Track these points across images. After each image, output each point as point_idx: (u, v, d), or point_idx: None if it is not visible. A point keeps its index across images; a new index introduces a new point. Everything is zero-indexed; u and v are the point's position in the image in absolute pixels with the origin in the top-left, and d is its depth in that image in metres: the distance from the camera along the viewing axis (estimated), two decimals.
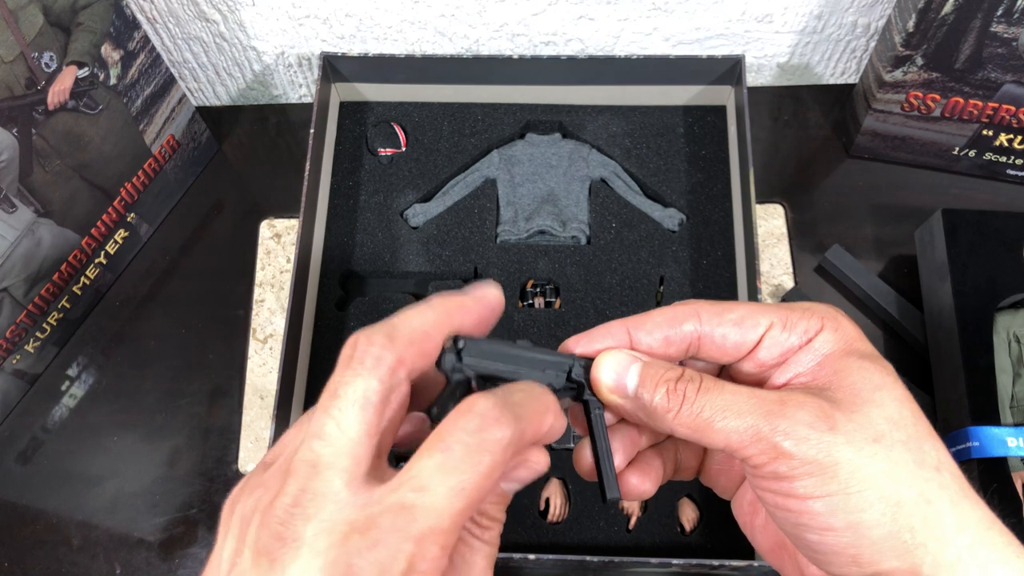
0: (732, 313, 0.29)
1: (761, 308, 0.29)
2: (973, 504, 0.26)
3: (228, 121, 0.75)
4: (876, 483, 0.25)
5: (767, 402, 0.26)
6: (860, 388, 0.27)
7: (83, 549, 0.60)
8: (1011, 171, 0.68)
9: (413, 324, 0.25)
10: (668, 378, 0.28)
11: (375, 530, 0.22)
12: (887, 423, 0.26)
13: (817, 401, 0.26)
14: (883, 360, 0.28)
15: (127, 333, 0.66)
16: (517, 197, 0.64)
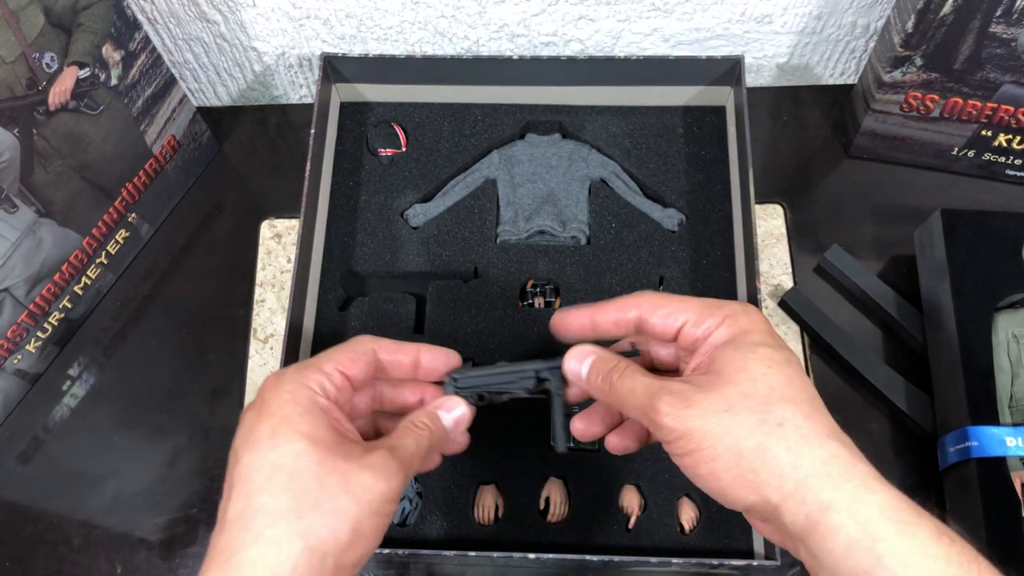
0: (663, 308, 0.39)
1: (684, 306, 0.39)
2: (813, 447, 0.34)
3: (229, 121, 0.75)
4: (721, 440, 0.34)
5: (653, 388, 0.37)
6: (723, 371, 0.36)
7: (84, 548, 0.60)
8: (1010, 171, 0.68)
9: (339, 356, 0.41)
10: (604, 369, 0.39)
11: None
12: (738, 396, 0.35)
13: (682, 385, 0.36)
14: (765, 344, 0.36)
15: (128, 333, 0.67)
16: (517, 197, 0.65)
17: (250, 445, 0.36)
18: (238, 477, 0.35)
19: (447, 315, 0.61)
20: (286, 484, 0.34)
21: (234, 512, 0.34)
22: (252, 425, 0.36)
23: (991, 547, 0.51)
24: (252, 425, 0.36)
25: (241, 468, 0.35)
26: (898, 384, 0.61)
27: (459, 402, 0.43)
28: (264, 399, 0.37)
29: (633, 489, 0.57)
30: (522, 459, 0.57)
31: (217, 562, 0.34)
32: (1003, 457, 0.53)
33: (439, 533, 0.55)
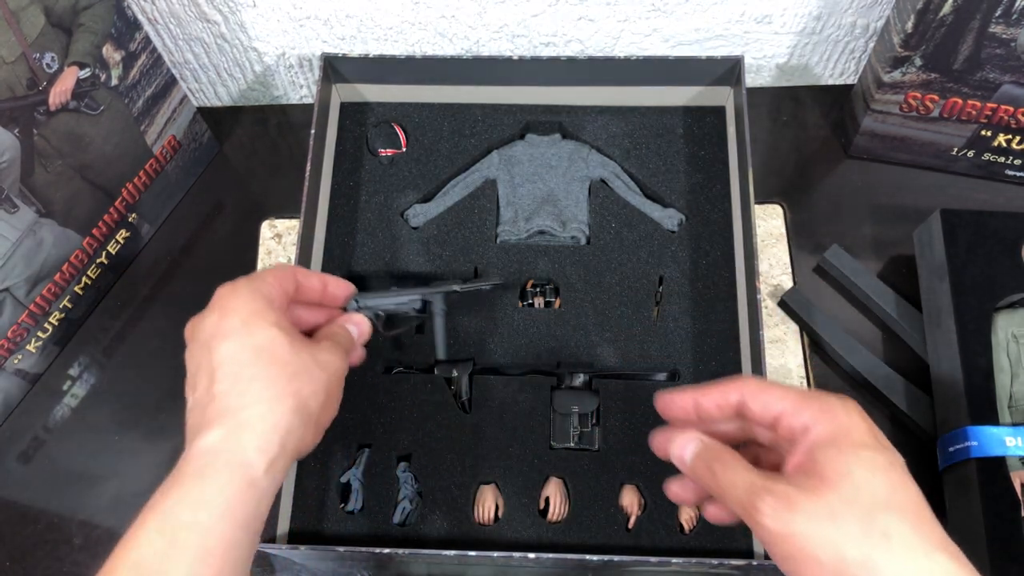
0: (763, 395, 0.39)
1: (783, 395, 0.38)
2: (920, 561, 0.33)
3: (229, 122, 0.75)
4: (824, 548, 0.34)
5: (756, 486, 0.36)
6: (825, 474, 0.35)
7: (84, 548, 0.60)
8: (1009, 171, 0.68)
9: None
10: (707, 458, 0.39)
11: None
12: (841, 503, 0.34)
13: (785, 487, 0.35)
14: (867, 446, 0.36)
15: (128, 333, 0.67)
16: (517, 197, 0.65)
17: (224, 336, 0.41)
18: (220, 361, 0.40)
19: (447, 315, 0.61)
20: (270, 359, 0.40)
21: (223, 387, 0.39)
22: (219, 322, 0.41)
23: (991, 547, 0.51)
24: (219, 322, 0.41)
25: (222, 354, 0.40)
26: (898, 384, 0.61)
27: (361, 319, 0.50)
28: (224, 303, 0.42)
29: (633, 489, 0.57)
30: (522, 459, 0.57)
31: (215, 425, 0.39)
32: (1003, 457, 0.53)
33: (439, 533, 0.55)
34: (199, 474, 0.38)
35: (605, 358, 0.60)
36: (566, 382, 0.59)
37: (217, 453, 0.38)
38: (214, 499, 0.37)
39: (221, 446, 0.38)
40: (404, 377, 0.60)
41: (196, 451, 0.39)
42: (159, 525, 0.37)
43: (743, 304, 0.60)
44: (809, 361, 0.64)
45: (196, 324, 0.43)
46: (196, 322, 0.43)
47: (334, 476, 0.57)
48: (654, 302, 0.62)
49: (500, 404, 0.58)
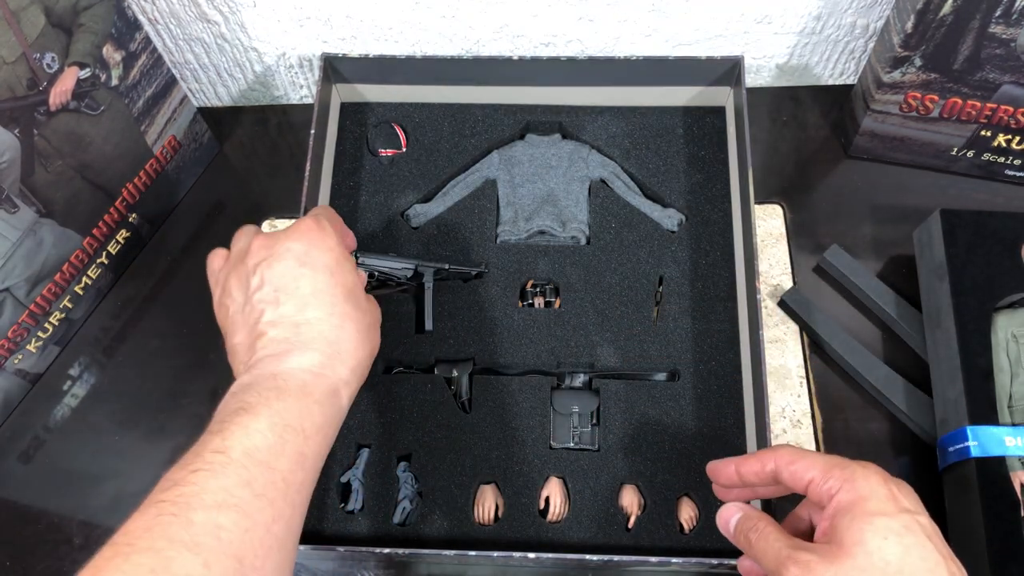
0: (793, 465, 0.42)
1: (812, 464, 0.41)
2: None
3: (229, 122, 0.75)
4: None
5: (783, 554, 0.39)
6: (843, 542, 0.38)
7: (85, 548, 0.60)
8: (1009, 171, 0.68)
9: None
10: (745, 528, 0.43)
11: None
12: (855, 570, 0.37)
13: (808, 555, 0.38)
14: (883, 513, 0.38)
15: (129, 333, 0.67)
16: (517, 197, 0.65)
17: (318, 268, 0.45)
18: (315, 290, 0.45)
19: (447, 314, 0.61)
20: (355, 304, 0.46)
21: (317, 315, 0.44)
22: (310, 252, 0.46)
23: (991, 547, 0.51)
24: (310, 252, 0.46)
25: (316, 284, 0.45)
26: (897, 384, 0.61)
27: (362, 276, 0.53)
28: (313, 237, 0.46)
29: (633, 489, 0.57)
30: (522, 459, 0.57)
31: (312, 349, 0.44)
32: (1002, 457, 0.53)
33: (439, 533, 0.55)
34: (303, 390, 0.42)
35: (605, 358, 0.60)
36: (566, 382, 0.59)
37: (317, 376, 0.43)
38: (315, 415, 0.42)
39: (320, 371, 0.43)
40: (404, 377, 0.60)
41: (296, 368, 0.43)
42: (270, 424, 0.40)
43: (743, 304, 0.60)
44: (809, 361, 0.64)
45: (274, 241, 0.46)
46: (272, 239, 0.46)
47: (334, 476, 0.57)
48: (654, 302, 0.62)
49: (500, 404, 0.58)
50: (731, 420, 0.58)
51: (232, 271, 0.48)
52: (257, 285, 0.45)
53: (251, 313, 0.45)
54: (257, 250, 0.46)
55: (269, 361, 0.43)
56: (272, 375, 0.42)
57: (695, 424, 0.58)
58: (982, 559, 0.51)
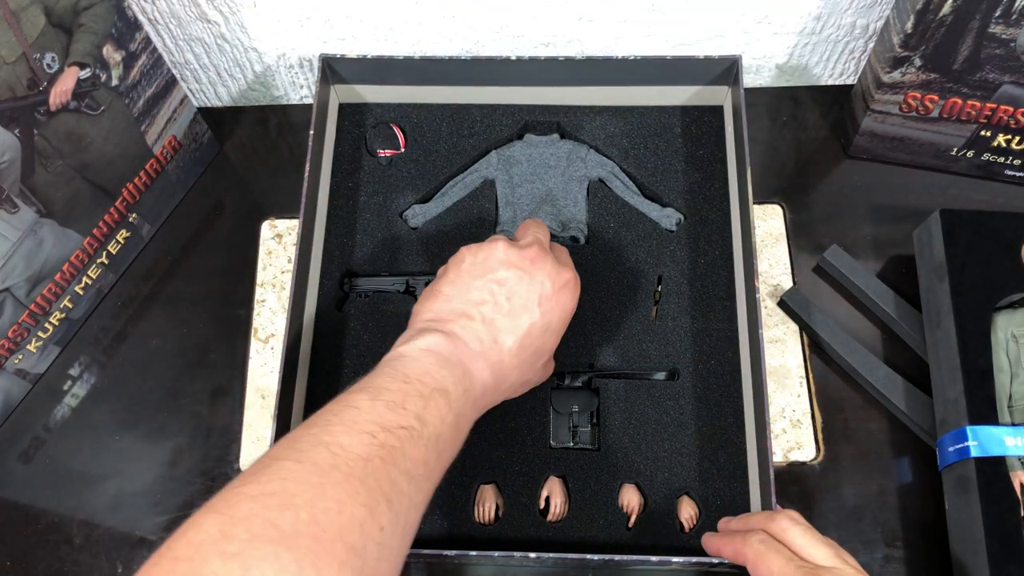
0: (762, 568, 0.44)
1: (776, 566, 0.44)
2: None
3: (229, 122, 0.75)
4: None
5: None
6: None
7: (85, 548, 0.60)
8: (1009, 171, 0.68)
9: None
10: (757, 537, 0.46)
11: None
12: None
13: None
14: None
15: (129, 333, 0.67)
16: (516, 197, 0.65)
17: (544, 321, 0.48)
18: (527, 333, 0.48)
19: None
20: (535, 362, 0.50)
21: (511, 346, 0.47)
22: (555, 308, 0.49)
23: (991, 547, 0.51)
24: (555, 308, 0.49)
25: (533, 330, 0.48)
26: (897, 384, 0.61)
27: None
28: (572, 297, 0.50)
29: (633, 488, 0.57)
30: (522, 458, 0.57)
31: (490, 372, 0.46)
32: (1002, 457, 0.53)
33: (439, 532, 0.55)
34: (475, 403, 0.46)
35: (604, 357, 0.60)
36: (566, 381, 0.59)
37: (483, 396, 0.46)
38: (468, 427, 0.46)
39: (485, 394, 0.47)
40: None
41: (480, 380, 0.46)
42: (454, 419, 0.43)
43: (742, 303, 0.60)
44: (808, 361, 0.64)
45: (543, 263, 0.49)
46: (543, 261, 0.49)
47: None
48: (653, 301, 0.62)
49: (500, 404, 0.58)
50: (731, 419, 0.58)
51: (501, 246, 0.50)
52: (501, 279, 0.48)
53: (474, 290, 0.48)
54: (531, 258, 0.49)
55: (465, 351, 0.46)
56: (465, 372, 0.45)
57: (695, 423, 0.58)
58: (982, 559, 0.51)
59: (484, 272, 0.48)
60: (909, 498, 0.59)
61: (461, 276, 0.49)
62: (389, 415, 0.40)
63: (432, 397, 0.42)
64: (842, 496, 0.59)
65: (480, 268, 0.49)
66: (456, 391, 0.43)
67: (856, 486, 0.60)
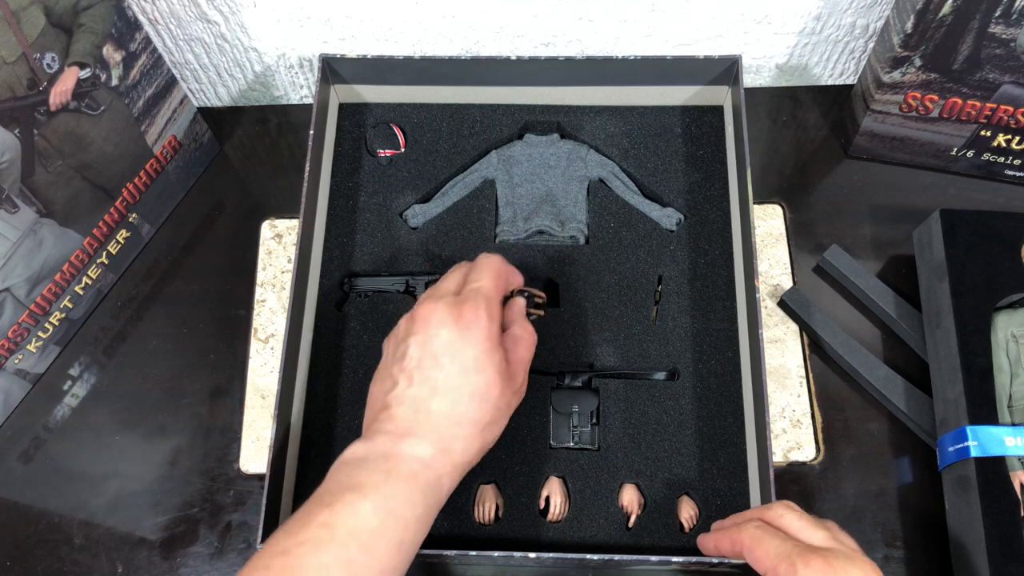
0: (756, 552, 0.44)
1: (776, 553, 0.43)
2: None
3: (229, 122, 0.75)
4: None
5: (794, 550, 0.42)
6: None
7: (85, 548, 0.60)
8: (1009, 171, 0.68)
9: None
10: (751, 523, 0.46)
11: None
12: None
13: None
14: None
15: (129, 333, 0.67)
16: (516, 197, 0.65)
17: (457, 359, 0.45)
18: (446, 386, 0.45)
19: None
20: (483, 405, 0.45)
21: (441, 408, 0.44)
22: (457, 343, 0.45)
23: (991, 547, 0.51)
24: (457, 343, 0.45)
25: (450, 379, 0.45)
26: (897, 384, 0.61)
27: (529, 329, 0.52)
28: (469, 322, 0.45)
29: (633, 488, 0.57)
30: (522, 458, 0.57)
31: (429, 441, 0.44)
32: (1002, 457, 0.53)
33: (439, 532, 0.55)
34: (411, 479, 0.43)
35: (604, 357, 0.60)
36: (566, 381, 0.59)
37: (427, 467, 0.44)
38: (418, 504, 0.43)
39: (431, 463, 0.44)
40: None
41: (408, 455, 0.43)
42: (375, 507, 0.41)
43: (742, 303, 0.60)
44: (809, 361, 0.64)
45: (432, 313, 0.46)
46: (434, 311, 0.46)
47: None
48: (653, 301, 0.62)
49: None
50: (731, 419, 0.58)
51: (401, 324, 0.48)
52: (402, 354, 0.46)
53: (387, 379, 0.47)
54: (421, 317, 0.46)
55: (386, 440, 0.44)
56: (385, 456, 0.43)
57: (695, 423, 0.58)
58: (982, 559, 0.51)
59: (391, 358, 0.48)
60: (909, 498, 0.59)
61: (380, 370, 0.49)
62: (287, 539, 0.40)
63: (340, 498, 0.41)
64: (842, 496, 0.59)
65: (389, 353, 0.48)
66: (373, 480, 0.42)
67: (856, 486, 0.60)
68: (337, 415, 0.59)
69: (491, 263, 0.50)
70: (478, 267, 0.50)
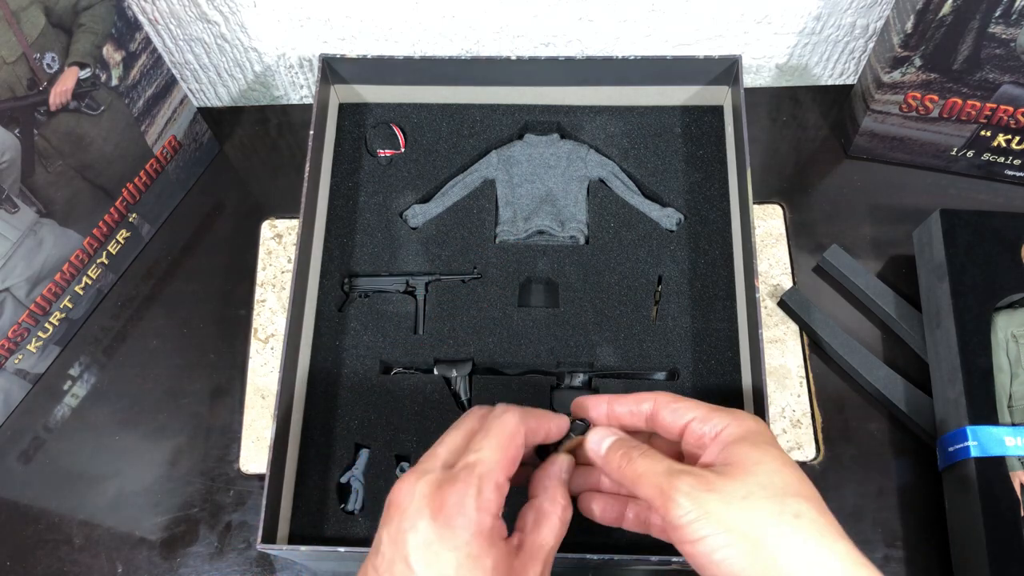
0: (674, 404, 0.42)
1: (694, 406, 0.42)
2: (830, 543, 0.36)
3: (229, 122, 0.75)
4: (739, 526, 0.36)
5: (673, 469, 0.39)
6: (743, 462, 0.38)
7: (85, 548, 0.60)
8: (1009, 171, 0.68)
9: None
10: (625, 446, 0.41)
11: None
12: (757, 486, 0.37)
13: (704, 472, 0.38)
14: (774, 446, 0.40)
15: (129, 333, 0.67)
16: (516, 197, 0.65)
17: (435, 571, 0.35)
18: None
19: (446, 315, 0.61)
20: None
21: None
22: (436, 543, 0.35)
23: (991, 547, 0.51)
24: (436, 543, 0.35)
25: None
26: (897, 384, 0.61)
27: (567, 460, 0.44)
28: (450, 517, 0.36)
29: None
30: None
31: None
32: (1002, 457, 0.53)
33: None
34: None
35: (604, 358, 0.60)
36: (566, 382, 0.59)
37: None
38: None
39: None
40: (404, 377, 0.60)
41: None
42: None
43: (742, 303, 0.60)
44: (809, 361, 0.64)
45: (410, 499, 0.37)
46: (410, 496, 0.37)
47: (334, 477, 0.57)
48: (653, 301, 0.62)
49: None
50: None
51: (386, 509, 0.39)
52: (375, 546, 0.38)
53: (368, 572, 0.38)
54: (395, 501, 0.38)
55: None
56: None
57: None
58: (982, 559, 0.51)
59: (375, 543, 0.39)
60: (909, 498, 0.59)
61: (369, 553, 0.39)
62: None
63: None
64: (842, 496, 0.59)
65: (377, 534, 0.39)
66: None
67: (856, 486, 0.60)
68: (337, 415, 0.59)
69: (502, 426, 0.40)
70: (486, 429, 0.40)
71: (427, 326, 0.61)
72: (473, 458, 0.38)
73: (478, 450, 0.38)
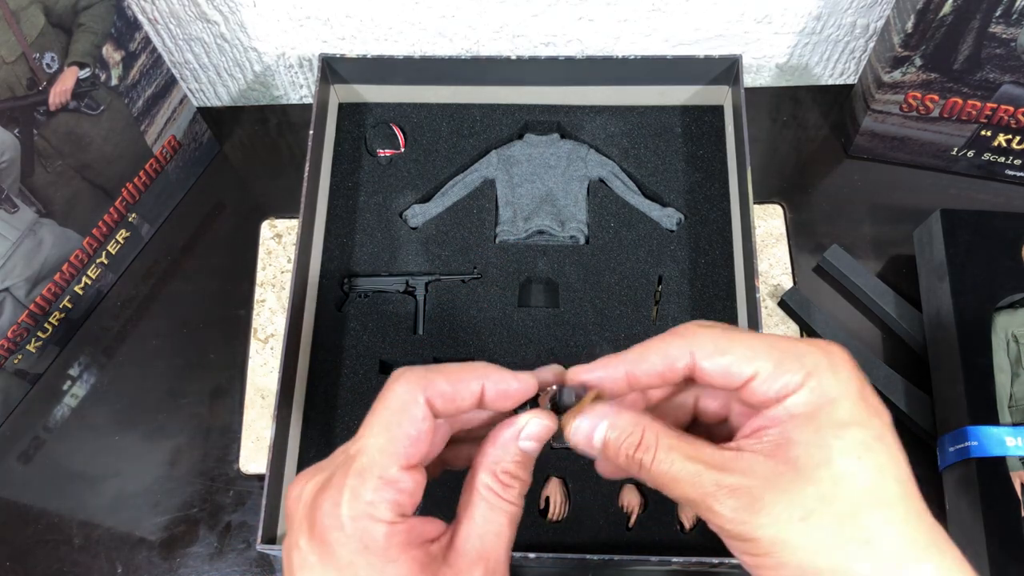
0: (723, 356, 0.30)
1: (753, 353, 0.30)
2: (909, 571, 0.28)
3: (229, 122, 0.75)
4: (795, 554, 0.28)
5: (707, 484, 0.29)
6: (801, 463, 0.29)
7: (84, 548, 0.60)
8: (1009, 171, 0.68)
9: None
10: (628, 446, 0.31)
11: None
12: (818, 500, 0.28)
13: (744, 481, 0.29)
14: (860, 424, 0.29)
15: (128, 333, 0.67)
16: (516, 197, 0.65)
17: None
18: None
19: (446, 315, 0.61)
20: None
21: None
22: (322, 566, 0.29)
23: (991, 547, 0.51)
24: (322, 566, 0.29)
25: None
26: (898, 384, 0.61)
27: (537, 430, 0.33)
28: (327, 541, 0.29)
29: (633, 488, 0.57)
30: None
31: None
32: (1003, 457, 0.53)
33: None
34: None
35: None
36: None
37: None
38: None
39: None
40: None
41: None
42: None
43: (742, 303, 0.60)
44: None
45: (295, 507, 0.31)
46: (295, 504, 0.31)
47: None
48: (653, 301, 0.62)
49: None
50: None
51: None
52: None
53: None
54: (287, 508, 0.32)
55: None
56: None
57: None
58: (982, 559, 0.51)
59: None
60: None
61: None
62: None
63: None
64: None
65: None
66: None
67: None
68: (337, 415, 0.59)
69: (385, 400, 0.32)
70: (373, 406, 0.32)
71: (427, 326, 0.61)
72: (353, 449, 0.31)
73: (358, 437, 0.31)
